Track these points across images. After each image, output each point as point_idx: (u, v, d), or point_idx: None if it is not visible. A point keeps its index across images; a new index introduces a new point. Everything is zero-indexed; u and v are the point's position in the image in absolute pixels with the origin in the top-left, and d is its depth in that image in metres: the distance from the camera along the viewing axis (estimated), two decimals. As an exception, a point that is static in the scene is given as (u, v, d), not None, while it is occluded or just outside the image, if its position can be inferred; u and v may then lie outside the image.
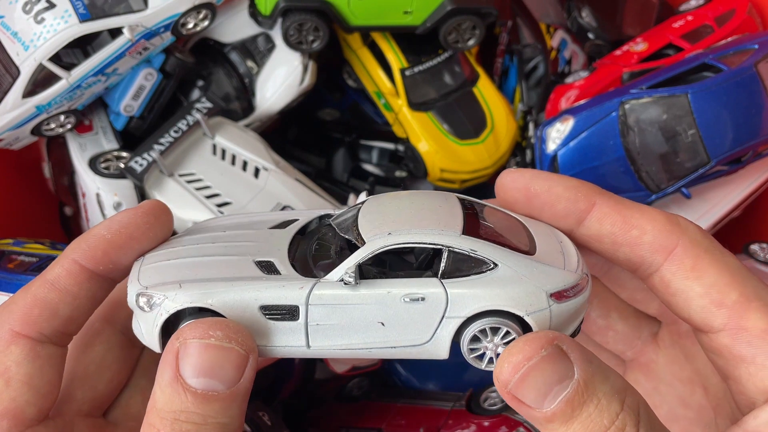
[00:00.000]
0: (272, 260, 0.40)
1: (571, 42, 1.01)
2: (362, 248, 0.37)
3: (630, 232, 0.38)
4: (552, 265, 0.37)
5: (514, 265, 0.36)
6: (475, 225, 0.38)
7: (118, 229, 0.41)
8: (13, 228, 0.88)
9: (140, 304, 0.39)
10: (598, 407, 0.33)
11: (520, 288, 0.36)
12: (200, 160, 0.81)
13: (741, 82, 0.73)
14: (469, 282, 0.36)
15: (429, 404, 0.75)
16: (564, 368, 0.33)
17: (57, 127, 0.82)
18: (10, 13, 0.75)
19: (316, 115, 1.03)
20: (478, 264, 0.36)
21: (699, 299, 0.36)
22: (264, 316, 0.37)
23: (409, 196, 0.41)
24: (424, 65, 0.91)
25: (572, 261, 0.38)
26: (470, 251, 0.36)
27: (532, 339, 0.34)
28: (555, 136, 0.81)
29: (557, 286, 0.36)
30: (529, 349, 0.34)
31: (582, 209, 0.39)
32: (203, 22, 0.83)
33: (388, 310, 0.37)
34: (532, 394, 0.33)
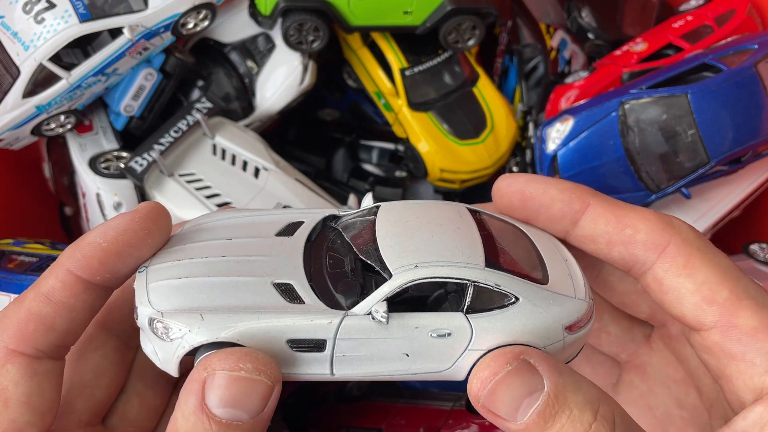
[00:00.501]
0: (291, 283, 0.39)
1: (571, 42, 1.01)
2: (390, 282, 0.37)
3: (624, 231, 0.39)
4: (565, 295, 0.38)
5: (534, 299, 0.37)
6: (494, 251, 0.39)
7: (114, 237, 0.39)
8: (13, 228, 0.88)
9: (157, 331, 0.37)
10: (571, 418, 0.33)
11: (540, 323, 0.37)
12: (200, 160, 0.81)
13: (741, 82, 0.73)
14: (492, 318, 0.37)
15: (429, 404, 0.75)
16: (532, 381, 0.33)
17: (57, 127, 0.82)
18: (10, 13, 0.75)
19: (316, 115, 1.03)
20: (500, 298, 0.37)
21: (691, 296, 0.37)
22: (290, 349, 0.37)
23: (423, 209, 0.41)
24: (424, 65, 0.91)
25: (580, 286, 0.39)
26: (494, 286, 0.37)
27: (499, 355, 0.35)
28: (555, 136, 0.81)
29: (571, 318, 0.37)
30: (494, 365, 0.34)
31: (576, 210, 0.40)
32: (203, 22, 0.83)
33: (414, 343, 0.37)
34: (504, 407, 0.34)
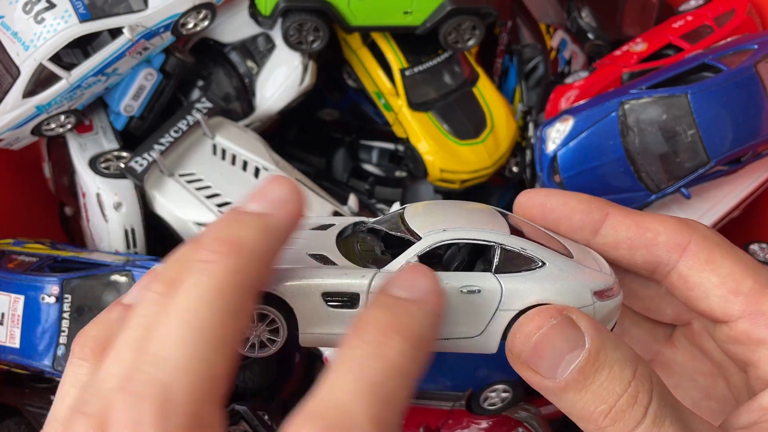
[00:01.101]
0: (325, 254, 0.41)
1: (571, 42, 1.01)
2: (419, 242, 0.39)
3: (645, 235, 0.40)
4: (592, 268, 0.40)
5: (561, 264, 0.39)
6: (518, 228, 0.41)
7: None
8: (13, 228, 0.88)
9: None
10: (611, 375, 0.34)
11: (568, 285, 0.38)
12: (200, 160, 0.81)
13: (741, 83, 0.73)
14: (520, 277, 0.38)
15: (429, 404, 0.75)
16: (574, 337, 0.34)
17: (57, 127, 0.82)
18: (10, 13, 0.75)
19: (316, 115, 1.03)
20: (528, 262, 0.39)
21: (716, 289, 0.38)
22: (325, 303, 0.39)
23: (447, 203, 0.44)
24: (424, 65, 0.91)
25: (605, 265, 0.41)
26: (521, 249, 0.39)
27: (543, 310, 0.36)
28: (555, 136, 0.81)
29: (599, 285, 0.39)
30: (539, 319, 0.35)
31: (597, 219, 0.41)
32: (203, 22, 0.83)
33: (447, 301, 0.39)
34: (545, 363, 0.35)
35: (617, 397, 0.33)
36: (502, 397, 0.72)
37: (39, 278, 0.71)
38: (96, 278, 0.71)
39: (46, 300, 0.70)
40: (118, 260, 0.75)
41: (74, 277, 0.71)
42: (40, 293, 0.70)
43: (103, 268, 0.72)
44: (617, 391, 0.33)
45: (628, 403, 0.33)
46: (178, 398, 0.28)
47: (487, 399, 0.73)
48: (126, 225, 0.80)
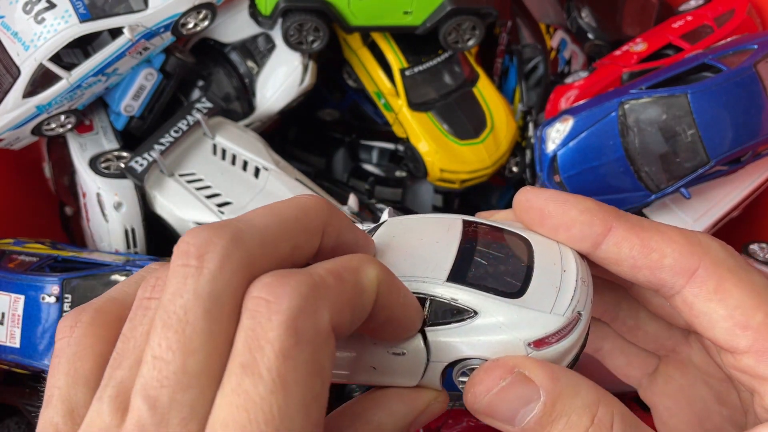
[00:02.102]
0: None
1: (571, 42, 1.01)
2: None
3: (649, 256, 0.37)
4: (537, 310, 0.36)
5: (495, 313, 0.36)
6: (465, 263, 0.38)
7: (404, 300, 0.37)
8: (13, 228, 0.88)
9: None
10: (568, 424, 0.33)
11: (497, 338, 0.36)
12: (200, 160, 0.81)
13: (740, 82, 0.73)
14: (449, 331, 0.37)
15: (429, 404, 0.75)
16: (528, 392, 0.34)
17: (57, 127, 0.82)
18: (10, 13, 0.75)
19: (316, 115, 1.03)
20: (460, 312, 0.37)
21: (723, 321, 0.36)
22: None
23: (418, 225, 0.42)
24: (424, 65, 0.91)
25: (564, 301, 0.37)
26: (450, 300, 0.37)
27: (491, 368, 0.35)
28: (554, 136, 0.82)
29: (537, 334, 0.36)
30: (488, 380, 0.34)
31: (598, 233, 0.38)
32: (203, 22, 0.83)
33: (375, 358, 0.38)
34: (500, 416, 0.34)
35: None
36: (502, 396, 0.72)
37: (39, 278, 0.71)
38: (96, 278, 0.71)
39: (46, 300, 0.70)
40: (118, 260, 0.75)
41: (74, 277, 0.71)
42: (40, 293, 0.70)
43: (104, 268, 0.72)
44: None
45: None
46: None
47: (487, 399, 0.73)
48: (126, 225, 0.80)
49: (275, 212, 0.33)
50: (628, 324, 0.47)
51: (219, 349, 0.29)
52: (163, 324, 0.28)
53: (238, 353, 0.28)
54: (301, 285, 0.29)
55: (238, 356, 0.28)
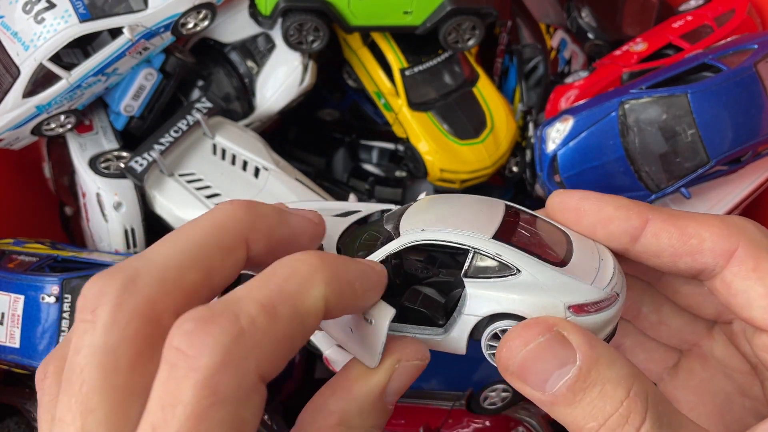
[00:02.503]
0: (321, 244, 0.42)
1: (571, 42, 1.01)
2: (396, 240, 0.39)
3: (689, 242, 0.38)
4: (578, 279, 0.37)
5: (537, 273, 0.37)
6: (509, 231, 0.39)
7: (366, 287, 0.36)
8: (13, 228, 0.88)
9: None
10: (602, 393, 0.33)
11: (538, 295, 0.36)
12: (200, 160, 0.81)
13: (741, 82, 0.73)
14: (488, 284, 0.37)
15: (429, 404, 0.75)
16: (564, 354, 0.33)
17: (57, 127, 0.82)
18: (10, 13, 0.75)
19: (316, 115, 1.03)
20: (502, 268, 0.37)
21: (761, 299, 0.36)
22: None
23: (459, 198, 0.43)
24: (424, 65, 0.91)
25: (604, 278, 0.38)
26: (495, 255, 0.37)
27: (531, 325, 0.34)
28: (555, 136, 0.81)
29: (577, 299, 0.36)
30: (526, 335, 0.34)
31: (636, 226, 0.39)
32: (203, 22, 0.83)
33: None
34: (532, 378, 0.34)
35: (607, 416, 0.32)
36: (502, 396, 0.72)
37: (39, 278, 0.71)
38: (96, 278, 0.71)
39: (46, 300, 0.70)
40: (118, 260, 0.75)
41: (74, 277, 0.71)
42: (40, 293, 0.70)
43: (103, 268, 0.72)
44: (607, 410, 0.32)
45: (619, 423, 0.32)
46: None
47: (487, 399, 0.73)
48: (126, 225, 0.80)
49: (181, 239, 0.32)
50: (651, 320, 0.47)
51: (125, 403, 0.27)
52: (66, 382, 0.28)
53: (151, 410, 0.27)
54: (224, 335, 0.27)
55: (150, 414, 0.27)
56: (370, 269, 0.37)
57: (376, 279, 0.37)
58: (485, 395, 0.74)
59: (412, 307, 0.39)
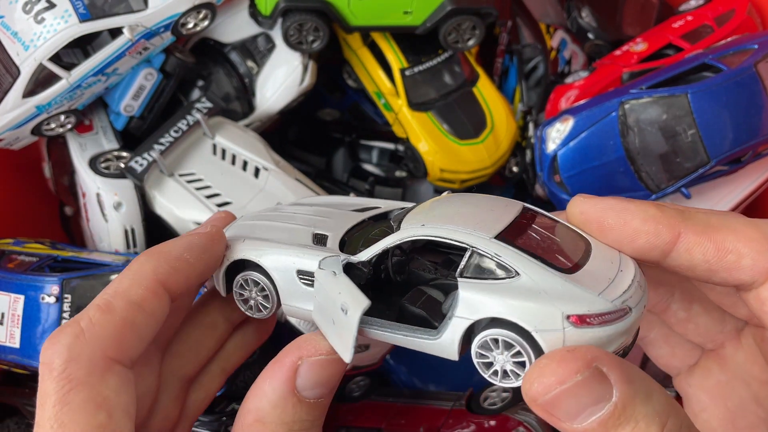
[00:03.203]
0: (327, 234, 0.43)
1: (571, 42, 1.01)
2: (394, 234, 0.38)
3: (725, 258, 0.35)
4: (585, 288, 0.35)
5: (538, 278, 0.35)
6: (517, 233, 0.37)
7: (199, 255, 0.41)
8: (13, 228, 0.88)
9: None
10: (635, 430, 0.31)
11: (534, 302, 0.34)
12: (200, 160, 0.81)
13: (741, 82, 0.73)
14: (483, 285, 0.35)
15: (429, 404, 0.75)
16: (601, 391, 0.31)
17: (57, 127, 0.82)
18: (10, 13, 0.75)
19: (316, 115, 1.03)
20: (500, 270, 0.35)
21: None
22: (299, 281, 0.41)
23: (475, 198, 0.42)
24: (424, 65, 0.91)
25: (616, 290, 0.35)
26: (493, 255, 0.35)
27: (568, 360, 0.31)
28: (555, 136, 0.81)
29: (578, 309, 0.34)
30: (562, 372, 0.31)
31: (667, 241, 0.36)
32: (203, 22, 0.83)
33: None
34: (563, 412, 0.32)
35: None
36: (502, 396, 0.72)
37: (39, 278, 0.71)
38: (96, 278, 0.71)
39: (46, 300, 0.70)
40: (118, 260, 0.75)
41: (74, 277, 0.71)
42: (40, 293, 0.70)
43: (103, 268, 0.72)
44: None
45: None
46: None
47: (487, 399, 0.73)
48: (126, 225, 0.80)
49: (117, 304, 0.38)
50: (679, 316, 0.45)
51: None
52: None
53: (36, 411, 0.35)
54: (66, 337, 0.36)
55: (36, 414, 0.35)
56: (195, 237, 0.42)
57: (204, 242, 0.41)
58: (485, 395, 0.73)
59: (410, 308, 0.39)
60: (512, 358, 0.35)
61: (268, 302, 0.44)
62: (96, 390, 0.35)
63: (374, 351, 0.79)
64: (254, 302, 0.44)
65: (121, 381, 0.36)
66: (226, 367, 0.49)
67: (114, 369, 0.36)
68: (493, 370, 0.36)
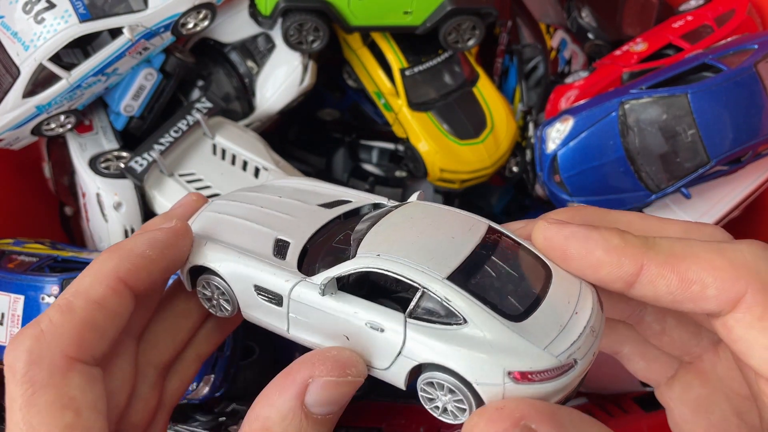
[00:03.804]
0: (289, 242, 0.43)
1: (571, 42, 1.01)
2: (349, 262, 0.38)
3: (690, 289, 0.35)
4: (530, 342, 0.34)
5: (485, 328, 0.34)
6: (473, 268, 0.37)
7: (162, 251, 0.41)
8: (13, 228, 0.88)
9: None
10: None
11: (477, 354, 0.34)
12: (200, 160, 0.81)
13: (741, 82, 0.73)
14: (431, 330, 0.35)
15: (429, 404, 0.75)
16: None
17: (57, 127, 0.82)
18: (10, 13, 0.75)
19: (316, 115, 1.03)
20: (448, 315, 0.35)
21: (763, 351, 0.34)
22: (256, 294, 0.41)
23: (439, 216, 0.41)
24: (424, 65, 0.91)
25: (564, 341, 0.35)
26: (444, 299, 0.35)
27: (495, 420, 0.31)
28: (555, 136, 0.81)
29: (520, 366, 0.33)
30: (490, 430, 0.31)
31: (630, 273, 0.35)
32: (203, 22, 0.83)
33: (352, 328, 0.38)
34: None
35: None
36: (502, 397, 0.72)
37: (39, 278, 0.71)
38: (96, 278, 0.71)
39: (45, 300, 0.70)
40: (118, 260, 0.75)
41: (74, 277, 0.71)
42: (40, 293, 0.70)
43: (103, 268, 0.72)
44: None
45: None
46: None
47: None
48: (126, 225, 0.80)
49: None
50: (654, 328, 0.44)
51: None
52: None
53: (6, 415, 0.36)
54: (26, 340, 0.36)
55: (6, 418, 0.36)
56: (158, 232, 0.42)
57: (167, 238, 0.41)
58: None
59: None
60: (454, 401, 0.36)
61: (229, 305, 0.44)
62: (61, 390, 0.36)
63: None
64: (216, 302, 0.45)
65: (85, 379, 0.37)
66: (200, 353, 0.49)
67: (76, 368, 0.37)
68: (435, 406, 0.37)
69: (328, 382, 0.36)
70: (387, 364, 0.37)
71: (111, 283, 0.39)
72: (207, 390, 0.69)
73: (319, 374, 0.36)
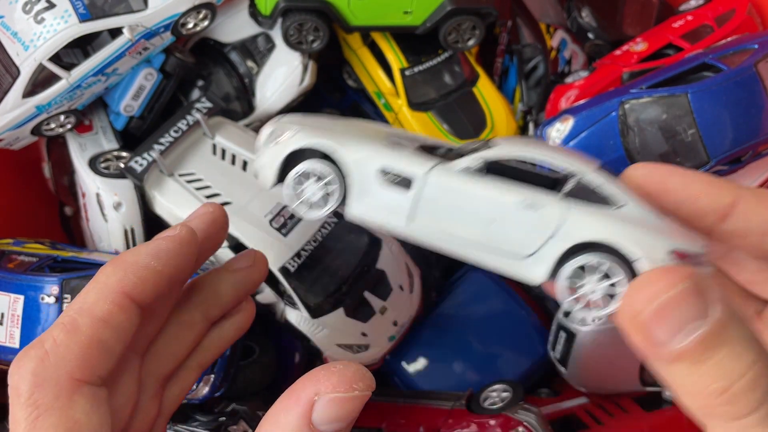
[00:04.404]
0: (404, 143, 0.40)
1: (571, 42, 1.01)
2: (498, 147, 0.36)
3: None
4: (684, 227, 0.35)
5: (642, 211, 0.34)
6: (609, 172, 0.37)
7: (167, 262, 0.40)
8: (13, 228, 0.88)
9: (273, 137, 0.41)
10: (732, 353, 0.30)
11: (642, 234, 0.33)
12: (200, 159, 0.81)
13: (741, 82, 0.73)
14: (592, 208, 0.35)
15: (429, 404, 0.75)
16: (701, 306, 0.30)
17: (57, 127, 0.82)
18: (10, 13, 0.75)
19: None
20: (606, 198, 0.35)
21: None
22: (379, 180, 0.38)
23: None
24: (424, 65, 0.91)
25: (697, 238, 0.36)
26: (602, 183, 0.35)
27: (669, 271, 0.31)
28: (555, 136, 0.81)
29: (682, 246, 0.33)
30: (665, 282, 0.31)
31: (726, 203, 0.37)
32: (203, 22, 0.83)
33: (501, 210, 0.36)
34: (662, 329, 0.30)
35: (737, 377, 0.29)
36: (502, 396, 0.72)
37: (39, 278, 0.71)
38: (96, 278, 0.71)
39: (45, 300, 0.70)
40: (118, 260, 0.75)
41: (74, 277, 0.71)
42: (39, 293, 0.70)
43: (103, 268, 0.72)
44: (737, 370, 0.29)
45: (748, 386, 0.29)
46: None
47: (488, 399, 0.73)
48: (126, 225, 0.80)
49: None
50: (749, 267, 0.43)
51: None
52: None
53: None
54: (30, 362, 0.35)
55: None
56: (162, 242, 0.40)
57: (173, 247, 0.40)
58: (485, 395, 0.73)
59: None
60: (604, 286, 0.34)
61: (329, 200, 0.39)
62: (65, 414, 0.35)
63: (374, 351, 0.79)
64: (308, 199, 0.40)
65: (91, 401, 0.36)
66: (202, 362, 0.48)
67: (82, 390, 0.36)
68: (575, 298, 0.35)
69: (334, 399, 0.35)
70: (533, 248, 0.35)
71: (116, 299, 0.38)
72: (207, 390, 0.69)
73: (325, 390, 0.35)
